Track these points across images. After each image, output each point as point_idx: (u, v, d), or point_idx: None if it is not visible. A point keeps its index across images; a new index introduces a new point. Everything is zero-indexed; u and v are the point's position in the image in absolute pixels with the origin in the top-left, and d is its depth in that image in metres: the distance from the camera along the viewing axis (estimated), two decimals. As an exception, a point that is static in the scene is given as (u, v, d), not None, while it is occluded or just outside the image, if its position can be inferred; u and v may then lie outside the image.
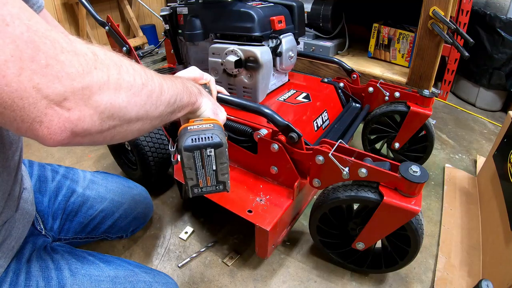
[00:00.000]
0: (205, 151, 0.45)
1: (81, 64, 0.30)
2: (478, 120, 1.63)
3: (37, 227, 0.64)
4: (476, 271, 0.83)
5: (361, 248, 0.75)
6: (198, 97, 0.51)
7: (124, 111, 0.34)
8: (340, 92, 1.13)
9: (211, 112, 0.53)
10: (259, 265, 0.86)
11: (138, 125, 0.38)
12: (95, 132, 0.33)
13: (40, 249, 0.59)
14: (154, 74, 0.40)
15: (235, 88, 0.99)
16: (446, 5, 1.13)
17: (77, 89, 0.30)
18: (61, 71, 0.28)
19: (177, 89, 0.44)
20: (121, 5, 2.36)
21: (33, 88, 0.27)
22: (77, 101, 0.30)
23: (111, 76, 0.33)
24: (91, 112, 0.31)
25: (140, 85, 0.36)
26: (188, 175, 0.47)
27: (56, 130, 0.30)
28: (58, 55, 0.28)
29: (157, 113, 0.40)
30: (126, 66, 0.35)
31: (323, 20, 1.57)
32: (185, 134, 0.46)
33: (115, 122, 0.34)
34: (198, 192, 0.50)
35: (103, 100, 0.32)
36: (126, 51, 1.13)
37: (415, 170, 0.63)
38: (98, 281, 0.57)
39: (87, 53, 0.31)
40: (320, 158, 0.72)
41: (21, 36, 0.27)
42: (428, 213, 1.03)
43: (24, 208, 0.58)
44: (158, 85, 0.40)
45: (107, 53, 0.34)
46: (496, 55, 1.56)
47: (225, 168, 0.48)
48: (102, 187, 0.79)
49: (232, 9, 0.93)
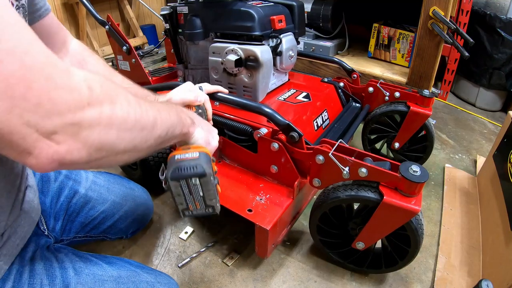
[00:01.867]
0: (191, 181, 0.47)
1: (74, 100, 0.30)
2: (478, 120, 1.63)
3: (40, 227, 0.64)
4: (476, 271, 0.83)
5: (361, 248, 0.75)
6: (190, 128, 0.52)
7: (112, 146, 0.35)
8: (340, 92, 1.13)
9: (203, 141, 0.55)
10: (259, 265, 0.86)
11: (125, 156, 0.38)
12: (81, 163, 0.33)
13: (43, 249, 0.59)
14: (149, 108, 0.40)
15: (235, 87, 0.98)
16: (446, 5, 1.13)
17: (67, 125, 0.30)
18: (52, 109, 0.28)
19: (171, 121, 0.45)
20: (121, 5, 2.36)
21: (23, 125, 0.27)
22: (66, 136, 0.30)
23: (103, 113, 0.33)
24: (79, 146, 0.31)
25: (133, 121, 0.37)
26: (178, 200, 0.50)
27: (44, 161, 0.30)
28: (50, 92, 0.28)
29: (145, 146, 0.40)
30: (121, 101, 0.35)
31: (323, 20, 1.57)
32: (172, 163, 0.47)
33: (102, 155, 0.34)
34: (189, 215, 0.52)
35: (92, 136, 0.32)
36: (126, 50, 1.13)
37: (415, 170, 0.63)
38: (102, 281, 0.57)
39: (82, 87, 0.31)
40: (320, 157, 0.72)
41: (14, 73, 0.26)
42: (428, 213, 1.03)
43: (29, 206, 0.58)
44: (152, 119, 0.40)
45: (104, 85, 0.34)
46: (496, 55, 1.56)
47: (212, 194, 0.49)
48: (104, 188, 0.79)
49: (233, 8, 0.93)
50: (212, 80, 1.02)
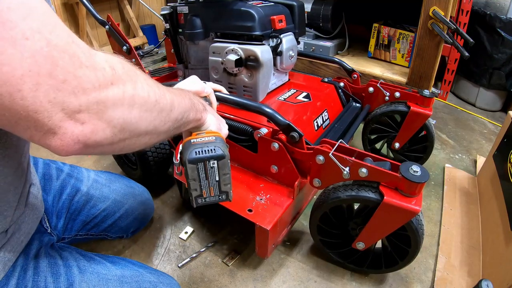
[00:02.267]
0: (209, 163, 0.47)
1: (98, 79, 0.30)
2: (478, 120, 1.63)
3: (43, 225, 0.65)
4: (476, 271, 0.83)
5: (361, 248, 0.75)
6: (203, 113, 0.53)
7: (135, 126, 0.35)
8: (340, 92, 1.13)
9: (215, 127, 0.55)
10: (259, 265, 0.86)
11: (146, 138, 0.39)
12: (106, 144, 0.33)
13: (47, 246, 0.60)
14: (166, 91, 0.41)
15: (236, 87, 0.98)
16: (446, 5, 1.13)
17: (92, 103, 0.30)
18: (78, 86, 0.29)
19: (186, 106, 0.46)
20: (121, 5, 2.36)
21: (49, 103, 0.28)
22: (91, 115, 0.31)
23: (126, 92, 0.33)
24: (104, 126, 0.32)
25: (154, 101, 0.37)
26: (193, 186, 0.49)
27: (69, 142, 0.30)
28: (76, 70, 0.29)
29: (164, 129, 0.41)
30: (141, 82, 0.36)
31: (323, 20, 1.57)
32: (189, 147, 0.47)
33: (125, 136, 0.35)
34: (202, 202, 0.51)
35: (116, 115, 0.33)
36: (126, 50, 1.13)
37: (415, 170, 0.63)
38: (106, 280, 0.57)
39: (106, 67, 0.32)
40: (320, 157, 0.72)
41: (41, 51, 0.27)
42: (428, 213, 1.03)
43: (33, 203, 0.58)
44: (169, 102, 0.41)
45: (125, 67, 0.35)
46: (496, 55, 1.56)
47: (228, 178, 0.50)
48: (106, 187, 0.80)
49: (233, 8, 0.93)
50: (212, 80, 1.02)
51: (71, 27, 2.14)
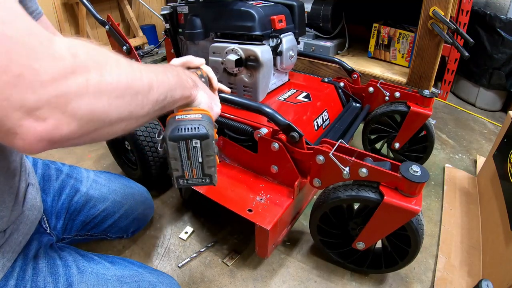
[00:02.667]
0: (191, 142, 0.44)
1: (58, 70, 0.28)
2: (478, 120, 1.63)
3: (42, 225, 0.64)
4: (476, 271, 0.83)
5: (361, 248, 0.75)
6: (192, 90, 0.49)
7: (105, 115, 0.32)
8: (340, 92, 1.13)
9: (206, 106, 0.52)
10: (259, 265, 0.86)
11: (122, 125, 0.36)
12: (74, 138, 0.31)
13: (47, 247, 0.60)
14: (144, 70, 0.38)
15: (236, 87, 0.98)
16: (446, 5, 1.13)
17: (52, 97, 0.27)
18: (35, 80, 0.26)
19: (169, 84, 0.42)
20: (121, 5, 2.36)
21: (4, 100, 0.25)
22: (52, 110, 0.28)
23: (91, 80, 0.30)
24: (69, 119, 0.29)
25: (124, 86, 0.34)
26: (174, 165, 0.46)
27: (33, 140, 0.28)
28: (32, 62, 0.26)
29: (143, 112, 0.38)
30: (110, 66, 0.33)
31: (323, 20, 1.57)
32: (172, 123, 0.44)
33: (95, 126, 0.32)
34: (183, 184, 0.49)
35: (81, 106, 0.30)
36: (126, 50, 1.13)
37: (415, 170, 0.63)
38: (105, 280, 0.57)
39: (66, 55, 0.29)
40: (320, 157, 0.72)
41: None
42: (428, 213, 1.03)
43: (31, 203, 0.58)
44: (146, 83, 0.37)
45: (90, 51, 0.31)
46: (496, 55, 1.56)
47: (212, 161, 0.46)
48: (105, 187, 0.79)
49: (233, 8, 0.93)
50: (212, 80, 1.02)
51: (71, 27, 2.14)
